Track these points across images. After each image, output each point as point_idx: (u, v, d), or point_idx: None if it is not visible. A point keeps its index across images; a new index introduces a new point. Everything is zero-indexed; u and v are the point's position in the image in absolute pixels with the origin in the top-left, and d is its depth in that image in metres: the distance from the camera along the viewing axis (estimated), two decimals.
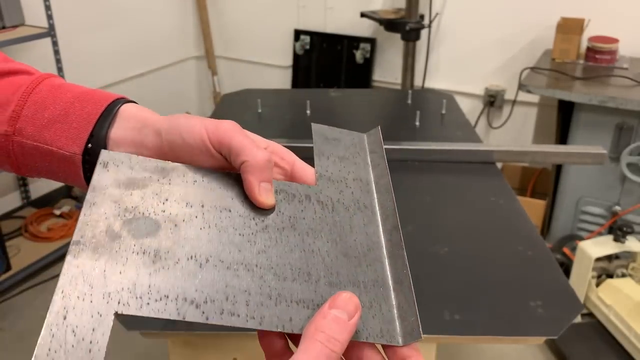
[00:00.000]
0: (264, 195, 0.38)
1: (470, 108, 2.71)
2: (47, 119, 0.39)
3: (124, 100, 0.42)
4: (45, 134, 0.39)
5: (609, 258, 2.00)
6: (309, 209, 0.41)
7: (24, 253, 2.27)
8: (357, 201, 0.43)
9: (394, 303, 0.36)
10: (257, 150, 0.38)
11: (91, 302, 0.29)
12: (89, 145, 0.40)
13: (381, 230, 0.41)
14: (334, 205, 0.42)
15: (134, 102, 0.43)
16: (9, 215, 2.50)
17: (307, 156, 0.44)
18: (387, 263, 0.39)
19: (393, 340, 0.34)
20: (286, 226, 0.39)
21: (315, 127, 0.47)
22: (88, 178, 0.40)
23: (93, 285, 0.30)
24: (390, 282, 0.38)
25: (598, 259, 1.94)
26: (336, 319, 0.32)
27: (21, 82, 0.41)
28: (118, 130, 0.41)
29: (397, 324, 0.35)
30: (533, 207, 2.36)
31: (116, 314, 0.30)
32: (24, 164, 0.41)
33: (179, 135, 0.39)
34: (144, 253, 0.33)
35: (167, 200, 0.36)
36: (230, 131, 0.38)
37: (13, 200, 2.57)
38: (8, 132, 0.39)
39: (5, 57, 0.44)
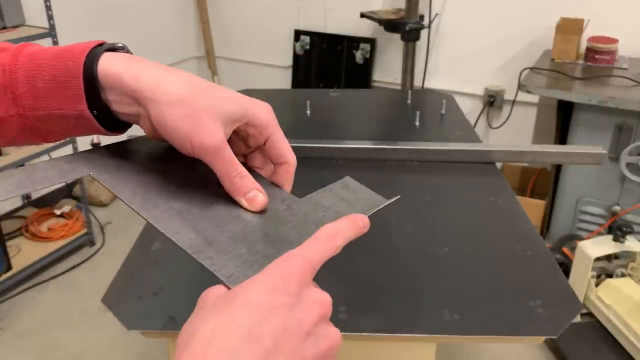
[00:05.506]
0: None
1: (470, 108, 2.71)
2: (42, 89, 0.41)
3: (97, 53, 0.42)
4: (50, 102, 0.41)
5: (609, 258, 2.00)
6: (277, 203, 0.47)
7: (24, 253, 2.28)
8: (319, 223, 0.44)
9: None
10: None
11: None
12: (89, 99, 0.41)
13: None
14: (296, 212, 0.46)
15: (102, 45, 0.43)
16: (9, 215, 2.50)
17: (306, 156, 0.45)
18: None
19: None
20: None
21: (346, 179, 0.51)
22: (103, 125, 0.43)
23: None
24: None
25: (597, 259, 1.94)
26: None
27: (2, 62, 0.42)
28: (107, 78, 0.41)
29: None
30: (532, 207, 2.37)
31: None
32: (49, 132, 0.43)
33: (164, 134, 0.42)
34: None
35: None
36: (213, 150, 0.41)
37: (13, 200, 2.57)
38: (20, 112, 0.41)
39: None
